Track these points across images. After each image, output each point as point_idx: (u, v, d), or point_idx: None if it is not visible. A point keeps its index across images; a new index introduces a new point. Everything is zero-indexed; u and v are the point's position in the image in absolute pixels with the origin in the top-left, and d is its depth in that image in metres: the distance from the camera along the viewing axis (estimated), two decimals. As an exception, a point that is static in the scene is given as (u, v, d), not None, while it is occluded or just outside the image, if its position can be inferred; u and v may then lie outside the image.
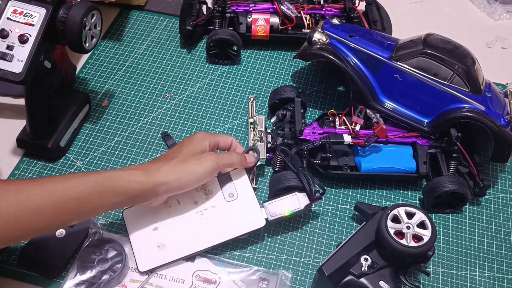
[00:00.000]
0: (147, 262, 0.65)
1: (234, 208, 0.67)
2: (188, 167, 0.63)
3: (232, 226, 0.67)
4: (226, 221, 0.67)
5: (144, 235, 0.67)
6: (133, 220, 0.68)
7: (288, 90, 0.81)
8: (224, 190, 0.68)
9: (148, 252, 0.66)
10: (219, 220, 0.67)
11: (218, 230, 0.67)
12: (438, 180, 0.72)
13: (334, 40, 0.80)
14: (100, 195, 0.58)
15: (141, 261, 0.65)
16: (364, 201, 0.77)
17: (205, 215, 0.67)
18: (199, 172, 0.63)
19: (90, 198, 0.58)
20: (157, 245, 0.66)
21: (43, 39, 0.66)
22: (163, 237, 0.66)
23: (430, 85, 0.74)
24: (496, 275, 0.71)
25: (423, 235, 0.62)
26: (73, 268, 0.65)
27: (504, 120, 0.73)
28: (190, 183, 0.63)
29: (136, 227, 0.67)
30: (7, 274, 0.66)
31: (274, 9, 0.93)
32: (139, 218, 0.67)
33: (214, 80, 0.91)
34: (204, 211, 0.67)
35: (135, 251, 0.66)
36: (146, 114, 0.85)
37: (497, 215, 0.77)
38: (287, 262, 0.70)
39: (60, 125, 0.77)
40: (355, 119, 0.75)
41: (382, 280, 0.63)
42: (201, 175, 0.63)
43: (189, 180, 0.63)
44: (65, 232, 0.67)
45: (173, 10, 1.02)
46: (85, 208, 0.58)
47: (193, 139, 0.66)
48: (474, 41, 1.02)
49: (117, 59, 0.93)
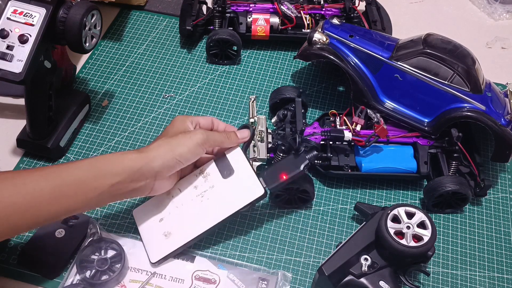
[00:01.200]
0: (157, 253, 0.66)
1: (232, 184, 0.67)
2: (179, 140, 0.63)
3: (232, 201, 0.67)
4: (226, 197, 0.67)
5: (152, 228, 0.68)
6: (141, 217, 0.69)
7: (289, 90, 0.81)
8: (221, 169, 0.68)
9: (157, 243, 0.66)
10: (219, 198, 0.67)
11: (219, 207, 0.67)
12: (439, 180, 0.72)
13: (334, 40, 0.79)
14: (96, 176, 0.58)
15: (152, 253, 0.66)
16: (364, 201, 0.77)
17: (206, 196, 0.67)
18: (191, 143, 0.63)
19: (87, 181, 0.57)
20: (164, 234, 0.67)
21: (43, 39, 0.66)
22: (169, 226, 0.67)
23: (431, 84, 0.74)
24: (496, 275, 0.71)
25: (423, 235, 0.62)
26: (72, 268, 0.65)
27: (504, 120, 0.73)
28: (184, 155, 0.63)
29: (144, 223, 0.68)
30: (7, 274, 0.66)
31: (274, 9, 0.93)
32: (146, 214, 0.69)
33: (214, 80, 0.91)
34: (204, 193, 0.67)
35: (145, 244, 0.67)
36: (146, 114, 0.85)
37: (497, 215, 0.77)
38: (287, 262, 0.70)
39: (60, 125, 0.77)
40: (355, 119, 0.75)
41: (382, 280, 0.63)
42: (192, 147, 0.63)
43: (182, 152, 0.62)
44: (65, 232, 0.67)
45: (173, 10, 1.03)
46: (83, 192, 0.57)
47: (174, 122, 0.67)
48: (474, 41, 1.02)
49: (117, 59, 0.93)
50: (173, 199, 0.68)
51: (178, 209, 0.68)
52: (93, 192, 0.58)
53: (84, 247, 0.65)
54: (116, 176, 0.59)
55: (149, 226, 0.68)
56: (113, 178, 0.58)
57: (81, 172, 0.58)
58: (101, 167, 0.59)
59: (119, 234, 0.69)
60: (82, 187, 0.57)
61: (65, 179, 0.57)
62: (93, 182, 0.58)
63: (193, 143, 0.63)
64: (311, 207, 0.76)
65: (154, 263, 0.66)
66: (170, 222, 0.67)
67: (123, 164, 0.59)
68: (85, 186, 0.58)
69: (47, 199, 0.55)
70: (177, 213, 0.67)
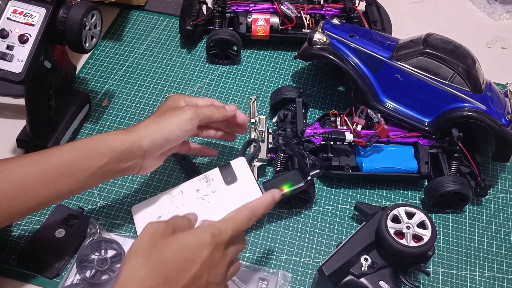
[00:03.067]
0: None
1: (233, 190, 0.67)
2: (166, 118, 0.62)
3: (231, 206, 0.66)
4: (226, 202, 0.67)
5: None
6: (140, 214, 0.68)
7: (290, 90, 0.81)
8: (224, 176, 0.69)
9: None
10: (219, 202, 0.67)
11: (219, 211, 0.66)
12: (440, 180, 0.72)
13: (335, 40, 0.79)
14: (83, 157, 0.57)
15: None
16: (364, 201, 0.77)
17: (206, 200, 0.67)
18: (179, 120, 0.62)
19: (74, 163, 0.57)
20: None
21: (43, 39, 0.66)
22: None
23: (431, 84, 0.74)
24: (496, 275, 0.71)
25: (423, 235, 0.62)
26: (72, 268, 0.65)
27: (505, 119, 0.73)
28: (173, 132, 0.62)
29: (142, 219, 0.68)
30: (7, 274, 0.65)
31: (274, 9, 0.93)
32: (145, 211, 0.68)
33: (214, 80, 0.91)
34: (206, 196, 0.68)
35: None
36: (146, 114, 0.85)
37: (497, 215, 0.77)
38: (287, 262, 0.70)
39: (60, 125, 0.77)
40: (356, 119, 0.75)
41: (382, 280, 0.63)
42: (181, 123, 0.62)
43: (170, 129, 0.61)
44: (65, 232, 0.67)
45: (173, 10, 1.02)
46: (71, 174, 0.56)
47: (168, 100, 0.66)
48: (474, 41, 1.02)
49: (117, 59, 0.93)
50: (174, 199, 0.68)
51: (177, 209, 0.68)
52: (82, 173, 0.57)
53: (84, 247, 0.65)
54: (104, 157, 0.58)
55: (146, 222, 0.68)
56: (101, 159, 0.58)
57: (68, 155, 0.57)
58: (88, 148, 0.58)
59: (119, 234, 0.69)
60: (70, 170, 0.56)
61: (52, 163, 0.56)
62: (81, 164, 0.57)
63: (182, 119, 0.62)
64: (311, 207, 0.75)
65: None
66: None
67: (110, 144, 0.58)
68: (73, 168, 0.57)
69: (34, 184, 0.55)
70: (176, 213, 0.67)
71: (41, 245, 0.66)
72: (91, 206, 0.73)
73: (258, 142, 0.72)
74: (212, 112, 0.66)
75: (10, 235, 0.68)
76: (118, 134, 0.60)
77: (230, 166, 0.69)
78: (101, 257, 0.65)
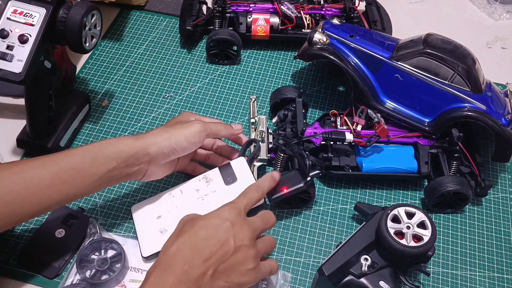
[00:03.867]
0: (150, 248, 0.66)
1: (233, 190, 0.67)
2: (176, 130, 0.65)
3: None
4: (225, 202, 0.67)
5: (148, 223, 0.68)
6: (139, 213, 0.69)
7: (290, 90, 0.81)
8: (224, 176, 0.69)
9: (152, 239, 0.67)
10: (219, 202, 0.67)
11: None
12: (440, 180, 0.72)
13: (335, 40, 0.79)
14: (92, 161, 0.59)
15: (145, 247, 0.66)
16: (364, 201, 0.77)
17: (206, 199, 0.68)
18: (188, 132, 0.64)
19: (84, 167, 0.58)
20: (160, 231, 0.67)
21: (43, 39, 0.66)
22: (166, 223, 0.67)
23: (431, 84, 0.74)
24: (496, 275, 0.71)
25: (423, 235, 0.62)
26: (72, 268, 0.65)
27: (505, 119, 0.73)
28: (181, 143, 0.64)
29: (141, 218, 0.69)
30: (7, 274, 0.65)
31: (274, 9, 0.93)
32: (145, 210, 0.69)
33: (214, 80, 0.91)
34: (205, 196, 0.68)
35: (139, 239, 0.67)
36: (146, 114, 0.85)
37: (497, 215, 0.77)
38: (287, 262, 0.70)
39: (60, 125, 0.77)
40: (356, 119, 0.75)
41: (382, 280, 0.63)
42: (189, 135, 0.64)
43: (178, 140, 0.64)
44: (65, 232, 0.67)
45: (173, 10, 1.02)
46: (81, 178, 0.58)
47: (179, 115, 0.70)
48: (474, 41, 1.02)
49: (117, 59, 0.93)
50: (174, 199, 0.69)
51: (177, 208, 0.68)
52: (90, 177, 0.59)
53: (84, 247, 0.65)
54: (112, 161, 0.60)
55: (146, 221, 0.68)
56: (109, 163, 0.59)
57: (78, 159, 0.59)
58: (98, 153, 0.60)
59: (119, 234, 0.69)
60: (80, 173, 0.58)
61: (63, 166, 0.58)
62: (90, 168, 0.59)
63: (190, 132, 0.64)
64: (311, 207, 0.75)
65: (146, 257, 0.66)
66: (168, 220, 0.67)
67: (118, 149, 0.60)
68: (83, 172, 0.58)
69: (46, 186, 0.56)
70: (175, 212, 0.68)
71: (41, 245, 0.66)
72: (91, 206, 0.73)
73: (258, 142, 0.73)
74: (219, 129, 0.68)
75: (10, 235, 0.68)
76: (127, 139, 0.62)
77: (230, 166, 0.70)
78: (101, 257, 0.65)
